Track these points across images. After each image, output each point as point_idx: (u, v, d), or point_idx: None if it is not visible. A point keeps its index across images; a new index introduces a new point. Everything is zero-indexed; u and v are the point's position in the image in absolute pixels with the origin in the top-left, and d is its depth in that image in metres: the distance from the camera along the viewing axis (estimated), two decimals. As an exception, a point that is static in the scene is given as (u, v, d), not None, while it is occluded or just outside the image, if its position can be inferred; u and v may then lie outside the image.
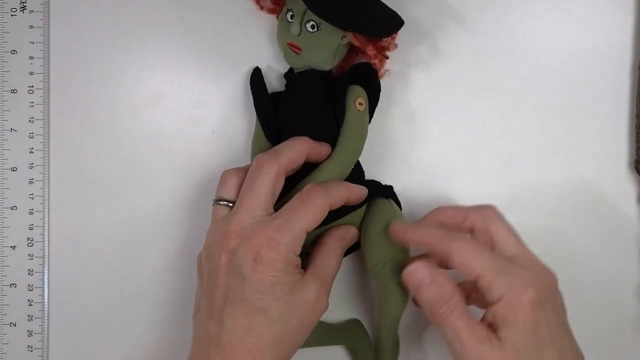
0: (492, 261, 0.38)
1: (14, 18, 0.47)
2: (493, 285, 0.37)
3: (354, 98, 0.42)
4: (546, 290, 0.38)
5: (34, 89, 0.47)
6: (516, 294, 0.37)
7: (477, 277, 0.37)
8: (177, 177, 0.47)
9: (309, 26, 0.41)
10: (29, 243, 0.47)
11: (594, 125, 0.47)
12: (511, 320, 0.37)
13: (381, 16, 0.41)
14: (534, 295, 0.37)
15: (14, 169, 0.47)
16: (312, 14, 0.40)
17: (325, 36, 0.41)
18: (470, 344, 0.37)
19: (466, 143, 0.47)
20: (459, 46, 0.47)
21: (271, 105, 0.43)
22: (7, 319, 0.47)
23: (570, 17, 0.47)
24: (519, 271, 0.38)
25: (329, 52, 0.42)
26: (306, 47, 0.42)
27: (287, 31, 0.42)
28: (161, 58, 0.47)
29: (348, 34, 0.41)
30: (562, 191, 0.47)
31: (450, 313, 0.38)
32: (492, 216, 0.40)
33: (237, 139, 0.46)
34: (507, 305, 0.37)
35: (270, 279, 0.37)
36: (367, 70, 0.43)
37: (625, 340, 0.47)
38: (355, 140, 0.42)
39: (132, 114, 0.47)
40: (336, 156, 0.41)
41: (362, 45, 0.41)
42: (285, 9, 0.42)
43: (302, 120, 0.42)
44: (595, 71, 0.47)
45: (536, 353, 0.37)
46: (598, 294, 0.47)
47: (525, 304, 0.36)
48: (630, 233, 0.47)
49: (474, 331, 0.37)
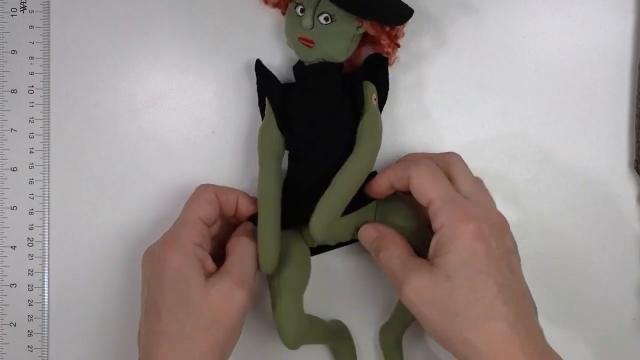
0: (444, 190, 0.39)
1: (14, 18, 0.47)
2: (439, 213, 0.38)
3: (370, 92, 0.42)
4: (490, 228, 0.38)
5: (34, 89, 0.47)
6: (457, 223, 0.37)
7: (428, 204, 0.39)
8: (177, 177, 0.47)
9: (322, 18, 0.41)
10: (29, 243, 0.47)
11: (594, 125, 0.47)
12: (447, 248, 0.37)
13: (396, 4, 0.41)
14: (474, 228, 0.37)
15: (14, 169, 0.47)
16: (325, 6, 0.40)
17: (340, 27, 0.41)
18: (402, 275, 0.38)
19: (466, 143, 0.47)
20: (459, 46, 0.47)
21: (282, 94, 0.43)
22: (7, 319, 0.47)
23: (570, 17, 0.47)
24: (466, 205, 0.38)
25: (344, 43, 0.42)
26: (320, 40, 0.41)
27: (297, 25, 0.41)
28: (161, 58, 0.47)
29: (365, 23, 0.41)
30: (562, 191, 0.47)
31: (389, 256, 0.40)
32: (454, 160, 0.41)
33: (237, 139, 0.46)
34: (445, 234, 0.37)
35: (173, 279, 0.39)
36: (379, 62, 0.43)
37: (625, 340, 0.47)
38: (376, 135, 0.42)
39: (132, 114, 0.47)
40: (362, 150, 0.41)
41: (377, 34, 0.42)
42: (294, 3, 0.42)
43: (317, 112, 0.42)
44: (595, 71, 0.47)
45: (469, 282, 0.36)
46: (598, 294, 0.47)
47: (463, 234, 0.37)
48: (630, 233, 0.47)
49: (406, 264, 0.39)
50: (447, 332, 0.37)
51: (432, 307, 0.37)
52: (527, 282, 0.39)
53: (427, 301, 0.37)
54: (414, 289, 0.37)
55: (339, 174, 0.41)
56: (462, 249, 0.37)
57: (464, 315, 0.36)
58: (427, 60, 0.46)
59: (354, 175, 0.41)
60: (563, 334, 0.47)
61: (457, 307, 0.36)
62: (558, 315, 0.47)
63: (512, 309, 0.36)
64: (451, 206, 0.38)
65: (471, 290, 0.36)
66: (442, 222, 0.38)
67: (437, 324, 0.37)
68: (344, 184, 0.40)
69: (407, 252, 0.40)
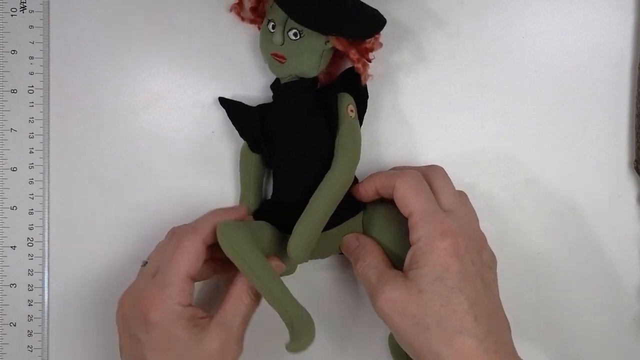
0: (426, 203, 0.39)
1: (14, 18, 0.47)
2: (416, 226, 0.38)
3: (345, 105, 0.42)
4: (467, 244, 0.38)
5: (34, 89, 0.47)
6: (433, 238, 0.37)
7: (409, 215, 0.39)
8: (177, 177, 0.47)
9: (291, 34, 0.41)
10: (29, 243, 0.47)
11: (594, 125, 0.47)
12: (421, 262, 0.37)
13: (362, 17, 0.40)
14: (449, 244, 0.37)
15: (14, 169, 0.47)
16: (294, 22, 0.40)
17: (309, 42, 0.41)
18: (377, 286, 0.38)
19: (466, 143, 0.47)
20: (459, 46, 0.47)
21: (256, 118, 0.43)
22: (7, 319, 0.47)
23: (570, 17, 0.47)
24: (444, 220, 0.38)
25: (314, 58, 0.42)
26: (291, 56, 0.41)
27: (270, 42, 0.42)
28: (161, 58, 0.47)
29: (331, 39, 0.41)
30: (562, 191, 0.47)
31: (366, 267, 0.40)
32: (437, 173, 0.42)
33: (237, 139, 0.46)
34: (422, 247, 0.38)
35: (164, 338, 0.38)
36: (354, 76, 0.43)
37: (625, 340, 0.47)
38: (353, 147, 0.42)
39: (132, 114, 0.47)
40: (339, 164, 0.41)
41: (344, 49, 0.41)
42: (267, 19, 0.42)
43: (294, 130, 0.42)
44: (595, 71, 0.47)
45: (440, 297, 0.37)
46: (598, 294, 0.47)
47: (438, 249, 0.37)
48: (630, 233, 0.47)
49: (382, 276, 0.39)
50: (418, 344, 0.37)
51: (404, 319, 0.37)
52: (527, 282, 0.40)
53: (399, 313, 0.37)
54: (388, 300, 0.38)
55: (316, 193, 0.41)
56: (436, 264, 0.37)
57: (434, 329, 0.36)
58: (426, 60, 0.46)
59: (332, 192, 0.41)
60: (563, 333, 0.47)
61: (428, 321, 0.37)
62: (558, 315, 0.47)
63: (482, 325, 0.37)
64: (429, 220, 0.38)
65: (442, 304, 0.37)
66: (419, 236, 0.38)
67: (409, 336, 0.37)
68: (321, 204, 0.40)
69: (384, 264, 0.40)
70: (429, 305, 0.37)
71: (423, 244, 0.38)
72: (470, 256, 0.38)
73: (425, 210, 0.38)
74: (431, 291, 0.37)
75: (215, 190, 0.47)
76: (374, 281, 0.39)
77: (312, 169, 0.42)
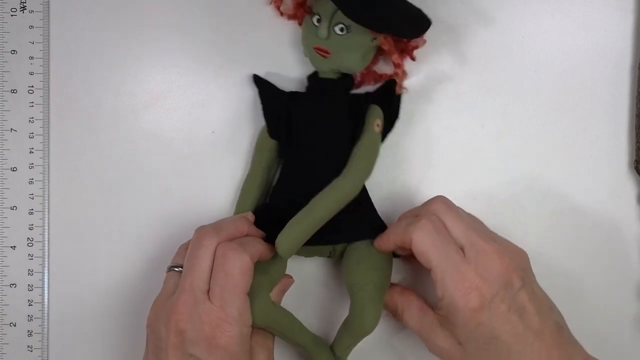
0: (445, 257, 0.39)
1: (14, 18, 0.47)
2: (438, 283, 0.39)
3: (373, 118, 0.42)
4: (489, 284, 0.38)
5: (34, 89, 0.47)
6: (458, 298, 0.38)
7: (431, 270, 0.39)
8: (177, 177, 0.47)
9: (337, 29, 0.41)
10: (29, 243, 0.47)
11: (594, 125, 0.47)
12: (453, 321, 0.39)
13: (411, 16, 0.40)
14: (476, 302, 0.38)
15: (14, 169, 0.47)
16: (341, 17, 0.40)
17: (356, 38, 0.41)
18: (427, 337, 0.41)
19: (466, 143, 0.47)
20: (459, 46, 0.47)
21: (284, 103, 0.43)
22: (7, 319, 0.47)
23: (570, 17, 0.47)
24: (465, 273, 0.38)
25: (359, 55, 0.42)
26: (335, 51, 0.41)
27: (313, 35, 0.41)
28: (161, 58, 0.47)
29: (379, 36, 0.41)
30: (562, 191, 0.47)
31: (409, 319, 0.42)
32: (440, 209, 0.41)
33: (237, 139, 0.46)
34: (449, 306, 0.39)
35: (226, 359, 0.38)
36: (391, 90, 0.43)
37: (625, 340, 0.47)
38: (368, 160, 0.42)
39: (132, 114, 0.47)
40: (349, 174, 0.41)
41: (389, 49, 0.41)
42: (311, 13, 0.42)
43: (319, 127, 0.42)
44: (595, 71, 0.47)
45: (479, 351, 0.38)
46: (598, 294, 0.47)
47: (464, 309, 0.38)
48: (630, 233, 0.47)
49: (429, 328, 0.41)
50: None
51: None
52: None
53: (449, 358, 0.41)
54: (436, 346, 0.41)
55: (319, 195, 0.41)
56: (466, 323, 0.38)
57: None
58: (426, 60, 0.46)
59: (335, 198, 0.41)
60: (563, 334, 0.47)
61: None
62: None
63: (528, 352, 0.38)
64: (452, 279, 0.38)
65: (483, 356, 0.38)
66: (443, 294, 0.39)
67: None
68: (320, 207, 0.40)
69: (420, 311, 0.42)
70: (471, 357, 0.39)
71: (450, 302, 0.38)
72: (498, 297, 0.38)
73: (446, 265, 0.39)
74: (470, 346, 0.39)
75: (215, 190, 0.47)
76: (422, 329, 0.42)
77: (324, 170, 0.42)
